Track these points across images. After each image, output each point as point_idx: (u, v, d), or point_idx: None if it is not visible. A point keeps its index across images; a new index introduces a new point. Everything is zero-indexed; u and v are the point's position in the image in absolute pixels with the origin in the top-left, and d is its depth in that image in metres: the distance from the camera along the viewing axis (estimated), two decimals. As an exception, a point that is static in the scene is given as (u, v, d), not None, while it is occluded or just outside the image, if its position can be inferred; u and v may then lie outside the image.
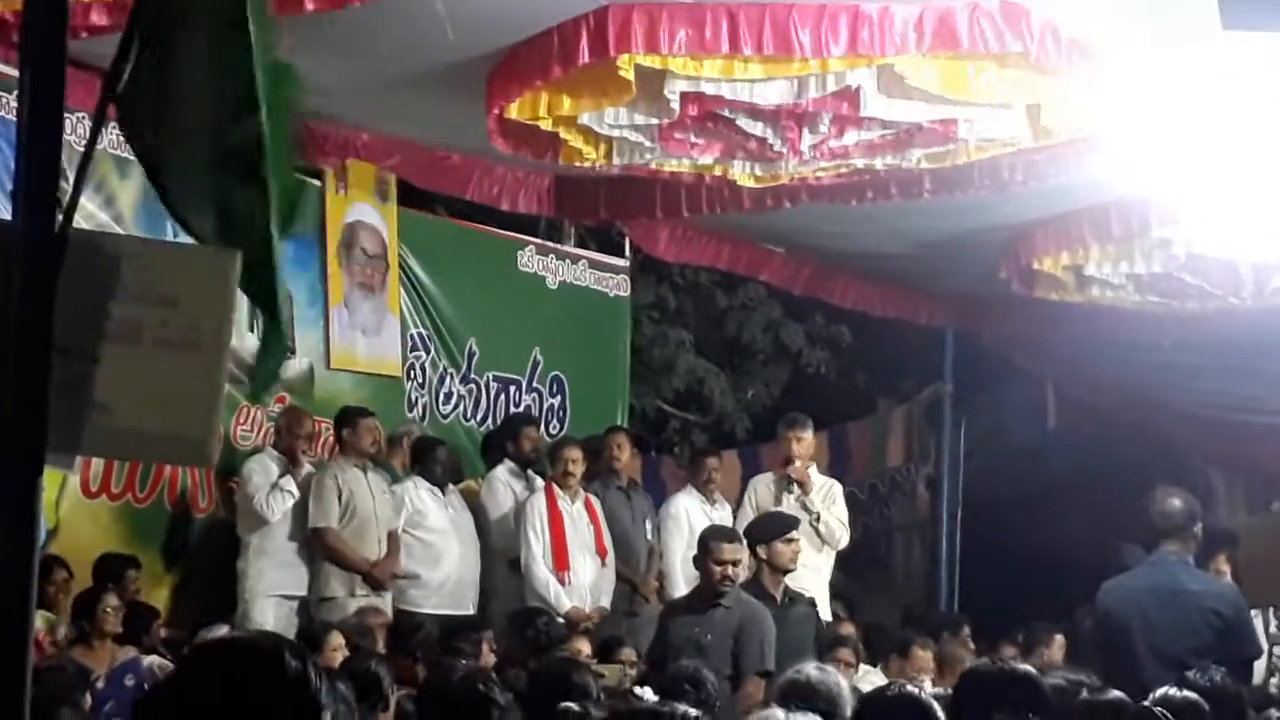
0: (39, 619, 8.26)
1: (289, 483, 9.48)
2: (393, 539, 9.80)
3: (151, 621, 8.87)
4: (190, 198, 3.39)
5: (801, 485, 10.33)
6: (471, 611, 9.93)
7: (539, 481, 10.47)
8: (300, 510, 9.59)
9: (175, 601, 9.67)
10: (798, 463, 10.42)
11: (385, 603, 9.60)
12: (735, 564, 8.46)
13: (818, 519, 10.18)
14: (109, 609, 8.23)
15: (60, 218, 3.12)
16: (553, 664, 6.97)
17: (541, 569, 10.04)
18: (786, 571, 8.94)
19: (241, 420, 10.08)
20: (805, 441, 10.53)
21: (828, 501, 10.40)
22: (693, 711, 2.43)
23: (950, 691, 5.25)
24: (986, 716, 4.52)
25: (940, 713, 4.68)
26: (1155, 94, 7.91)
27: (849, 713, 5.19)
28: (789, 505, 10.10)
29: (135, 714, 5.53)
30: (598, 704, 5.55)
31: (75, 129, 7.49)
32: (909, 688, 4.85)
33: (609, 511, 10.55)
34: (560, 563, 10.08)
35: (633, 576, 10.58)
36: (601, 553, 10.30)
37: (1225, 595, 7.15)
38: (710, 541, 8.61)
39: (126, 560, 9.05)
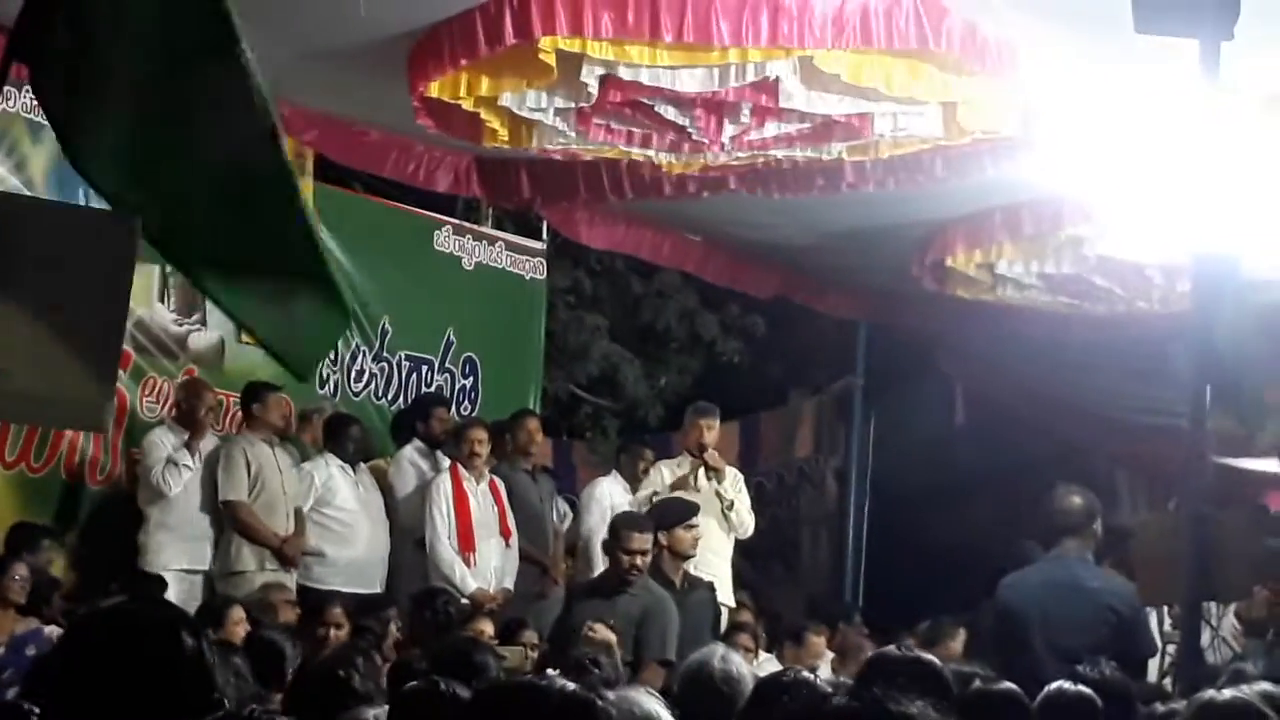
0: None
1: (185, 456, 9.39)
2: (299, 516, 9.75)
3: (52, 592, 8.77)
4: (108, 160, 3.36)
5: (718, 472, 10.37)
6: (379, 590, 9.89)
7: (446, 462, 10.45)
8: (207, 484, 9.52)
9: (71, 573, 9.56)
10: (714, 450, 10.46)
11: (290, 580, 9.55)
12: (644, 554, 8.48)
13: (730, 507, 10.22)
14: (17, 577, 8.12)
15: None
16: (454, 644, 6.95)
17: (446, 549, 10.02)
18: (687, 557, 8.97)
19: (147, 392, 9.99)
20: (715, 430, 10.58)
21: (736, 489, 10.45)
22: (570, 684, 2.42)
23: (849, 681, 5.29)
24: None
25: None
26: (1070, 95, 8.01)
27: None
28: (704, 491, 10.13)
29: (29, 682, 5.49)
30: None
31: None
32: (804, 673, 4.87)
33: (517, 494, 10.53)
34: (465, 544, 10.05)
35: (542, 559, 10.58)
36: (506, 534, 10.29)
37: (1122, 593, 7.22)
38: (621, 529, 8.62)
39: (42, 530, 8.94)
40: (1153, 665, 8.28)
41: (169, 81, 3.29)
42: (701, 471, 10.37)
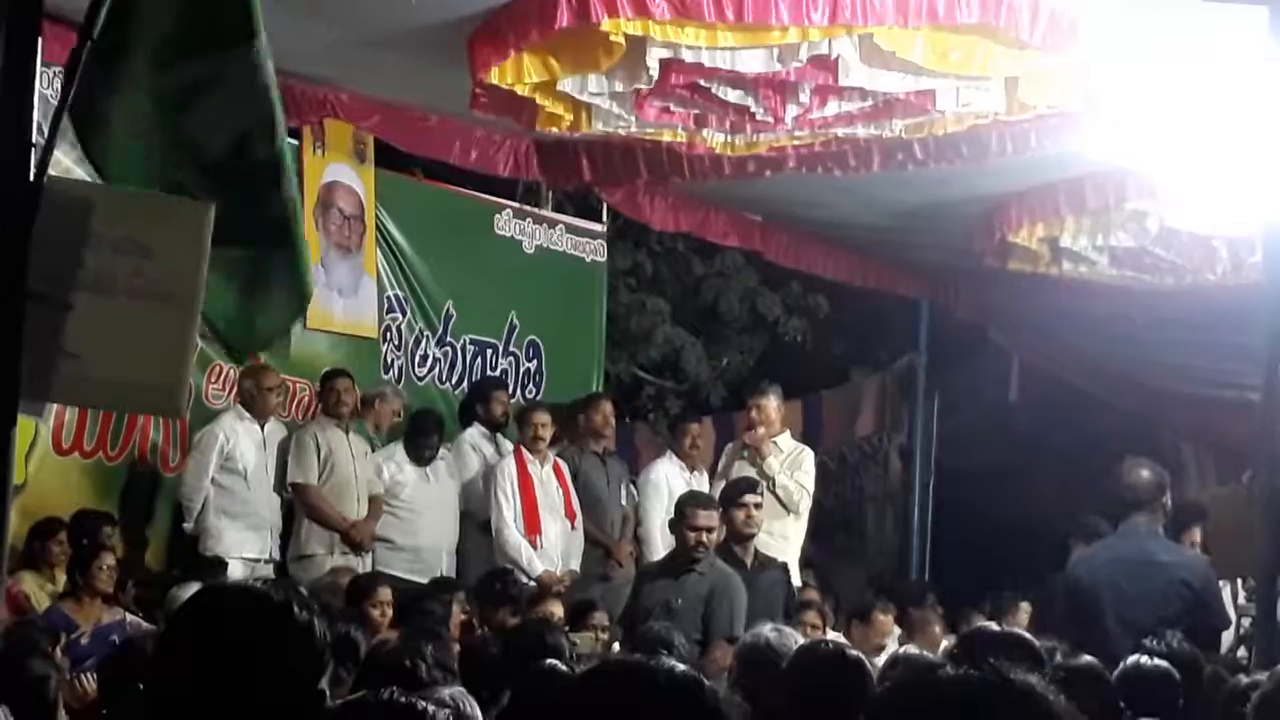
0: (29, 580, 8.29)
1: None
2: (375, 502, 9.81)
3: (126, 580, 8.87)
4: (116, 146, 3.39)
5: (757, 451, 10.38)
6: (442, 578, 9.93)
7: (508, 445, 10.48)
8: (276, 471, 9.59)
9: (145, 559, 9.65)
10: (759, 430, 10.46)
11: (365, 565, 9.59)
12: (710, 530, 8.48)
13: (773, 484, 10.21)
14: (104, 567, 8.22)
15: (35, 166, 3.13)
16: (527, 626, 6.99)
17: (513, 533, 10.06)
18: (744, 536, 8.95)
19: (213, 379, 10.06)
20: (766, 409, 10.56)
21: (793, 466, 10.44)
22: (680, 666, 2.41)
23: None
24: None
25: (869, 667, 4.74)
26: (1134, 67, 7.93)
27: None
28: (746, 472, 10.14)
29: (107, 669, 5.53)
30: (572, 664, 5.58)
31: (52, 84, 7.44)
32: (844, 645, 4.92)
33: (584, 476, 10.56)
34: (531, 526, 10.10)
35: (607, 541, 10.60)
36: (570, 516, 10.32)
37: (1194, 566, 7.19)
38: (686, 507, 8.64)
39: (102, 516, 9.02)
40: (1227, 637, 8.24)
41: (180, 67, 3.32)
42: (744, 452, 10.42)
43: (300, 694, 2.65)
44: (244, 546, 9.49)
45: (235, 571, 9.22)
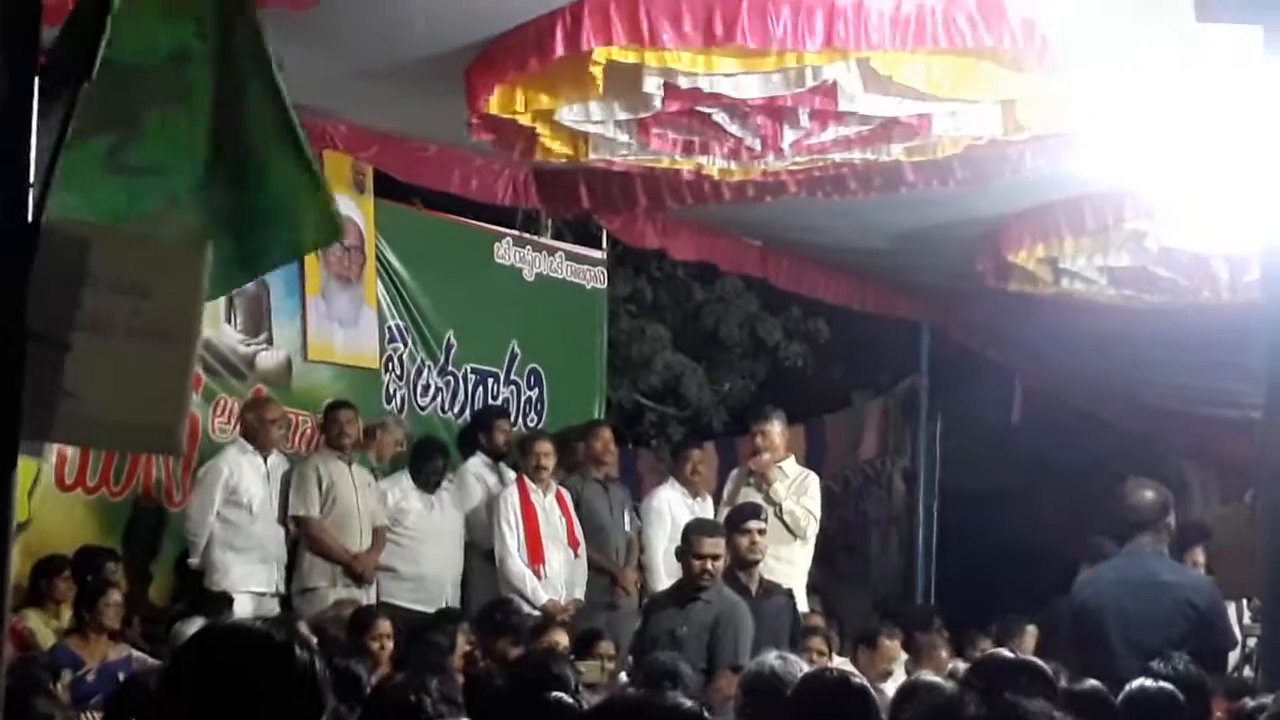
0: (33, 617, 8.29)
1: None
2: (378, 533, 9.81)
3: (131, 616, 8.86)
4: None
5: (763, 477, 10.37)
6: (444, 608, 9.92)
7: (511, 474, 10.48)
8: (280, 504, 9.59)
9: (149, 595, 9.64)
10: (764, 456, 10.45)
11: (369, 597, 9.58)
12: (715, 558, 8.47)
13: (780, 510, 10.20)
14: (110, 604, 8.22)
15: (33, 206, 3.13)
16: (532, 656, 6.98)
17: (516, 562, 10.05)
18: (749, 563, 8.93)
19: (219, 412, 10.06)
20: (770, 434, 10.54)
21: (799, 492, 10.42)
22: (686, 701, 2.44)
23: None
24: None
25: (874, 695, 4.74)
26: (1130, 88, 7.94)
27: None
28: (752, 498, 10.13)
29: (113, 707, 5.51)
30: (576, 696, 5.56)
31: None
32: (849, 671, 4.91)
33: (587, 504, 10.56)
34: (535, 556, 10.08)
35: (612, 569, 10.59)
36: (574, 545, 10.31)
37: (1200, 587, 7.18)
38: (690, 535, 8.64)
39: (105, 553, 9.02)
40: (1233, 657, 8.22)
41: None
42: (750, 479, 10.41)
43: None
44: (250, 580, 9.47)
45: (242, 605, 9.21)
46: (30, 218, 3.09)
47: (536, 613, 9.70)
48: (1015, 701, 2.22)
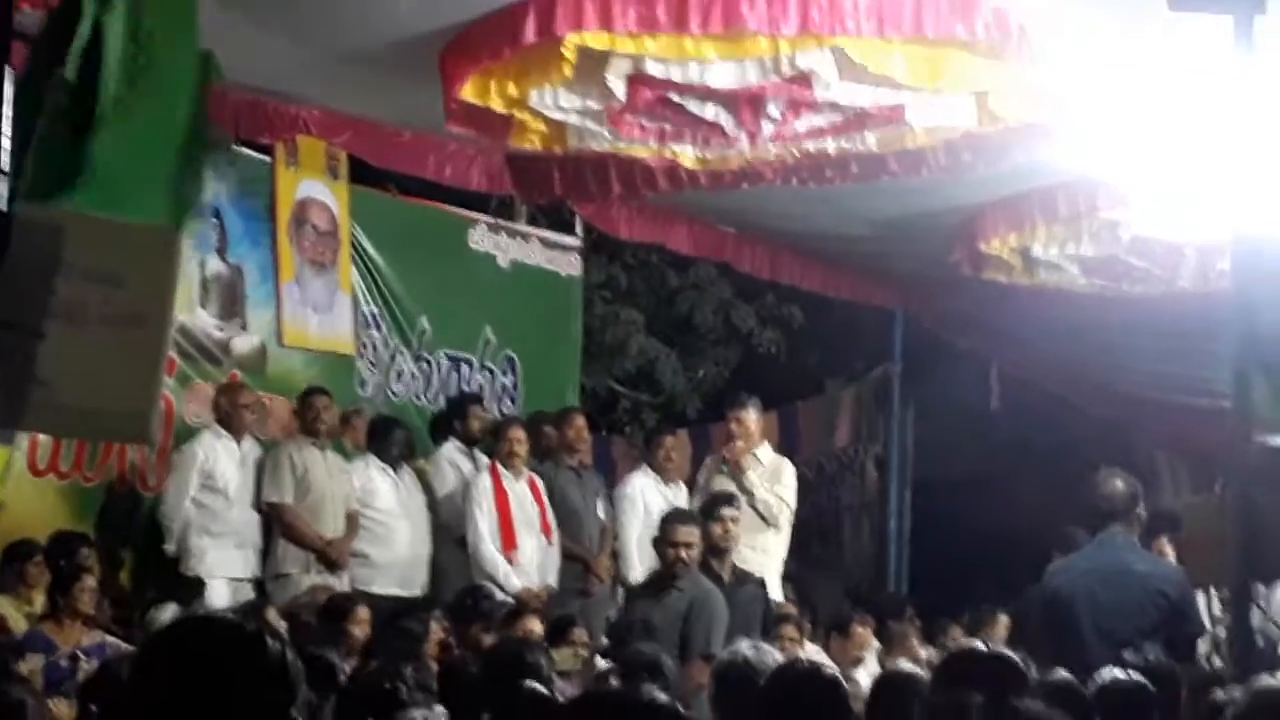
0: (5, 603, 8.28)
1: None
2: (352, 519, 9.80)
3: (103, 601, 8.84)
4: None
5: (737, 465, 10.37)
6: (419, 592, 9.92)
7: (485, 461, 10.47)
8: (254, 489, 9.57)
9: (123, 581, 9.63)
10: (737, 443, 10.46)
11: (342, 583, 9.56)
12: (689, 546, 8.49)
13: (753, 499, 10.20)
14: (85, 590, 8.20)
15: (5, 196, 3.12)
16: (506, 645, 6.99)
17: (489, 548, 10.04)
18: (721, 551, 8.94)
19: (193, 398, 10.04)
20: (745, 422, 10.54)
21: (773, 480, 10.43)
22: (661, 696, 2.47)
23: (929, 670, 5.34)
24: (968, 695, 4.58)
25: (845, 686, 4.76)
26: (1103, 78, 7.96)
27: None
28: (726, 486, 10.14)
29: (86, 693, 5.52)
30: (550, 683, 5.58)
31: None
32: (820, 663, 4.93)
33: (560, 491, 10.55)
34: (508, 542, 10.08)
35: (585, 556, 10.59)
36: (546, 531, 10.31)
37: (1171, 576, 7.21)
38: (664, 524, 8.69)
39: (79, 538, 8.99)
40: (1201, 645, 8.27)
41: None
42: (723, 466, 10.42)
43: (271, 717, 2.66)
44: (226, 566, 9.47)
45: (218, 591, 9.22)
46: (3, 208, 3.09)
47: (509, 599, 9.70)
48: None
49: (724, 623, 8.25)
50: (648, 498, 10.59)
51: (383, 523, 9.99)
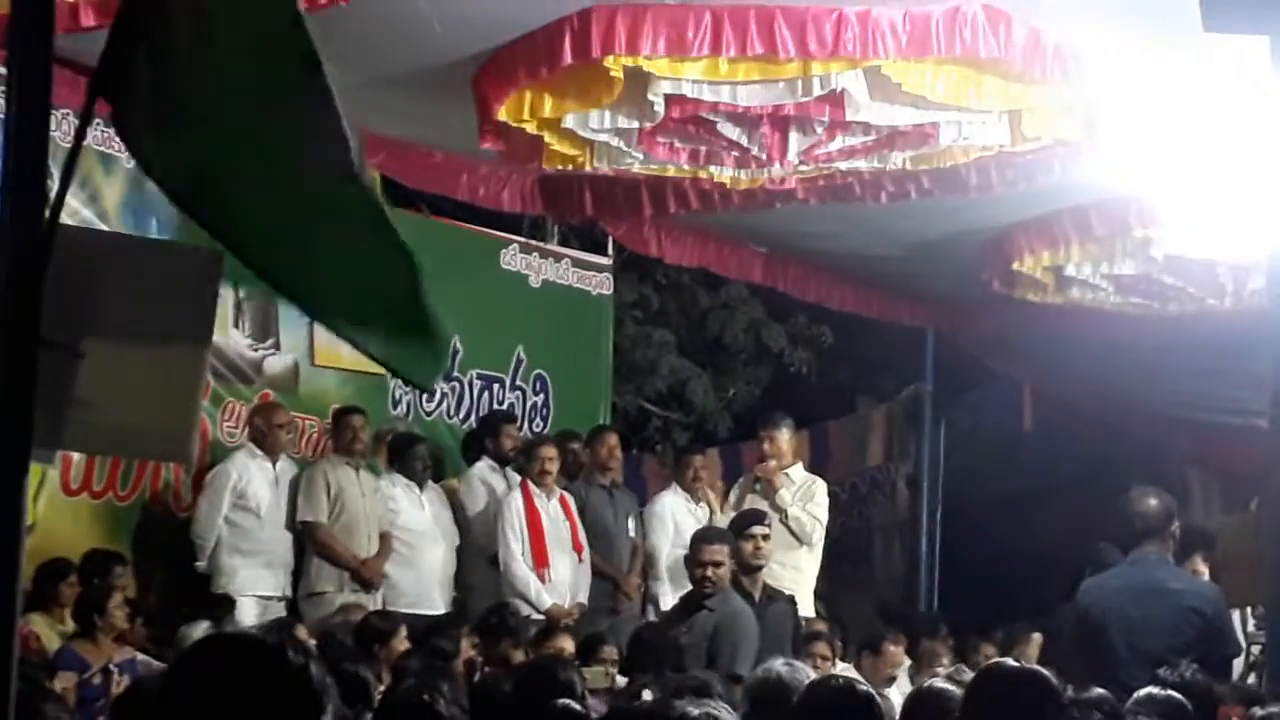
0: (39, 621, 8.30)
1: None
2: (385, 539, 9.81)
3: (139, 619, 8.88)
4: (191, 187, 3.36)
5: (769, 484, 10.39)
6: (443, 610, 9.92)
7: (517, 479, 10.49)
8: (288, 508, 9.60)
9: (157, 600, 9.65)
10: (770, 462, 10.49)
11: (374, 602, 9.57)
12: (716, 565, 8.49)
13: (786, 517, 10.22)
14: (116, 607, 8.25)
15: (47, 214, 3.14)
16: (538, 663, 6.99)
17: (521, 567, 10.05)
18: (752, 569, 8.95)
19: (227, 417, 10.08)
20: (777, 441, 10.58)
21: (805, 498, 10.45)
22: (694, 710, 2.48)
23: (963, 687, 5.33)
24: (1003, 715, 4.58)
25: (879, 703, 4.75)
26: (1137, 96, 7.96)
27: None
28: (758, 504, 10.16)
29: (118, 710, 5.54)
30: (583, 701, 5.58)
31: (60, 126, 7.49)
32: (854, 679, 4.92)
33: (592, 510, 10.57)
34: (540, 560, 10.09)
35: (615, 574, 10.60)
36: (578, 549, 10.32)
37: (1205, 594, 7.18)
38: (693, 543, 8.71)
39: (113, 556, 9.03)
40: (1237, 664, 8.23)
41: (255, 112, 3.31)
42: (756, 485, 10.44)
43: None
44: (257, 584, 9.50)
45: (248, 609, 9.23)
46: (45, 225, 3.11)
47: (539, 616, 9.71)
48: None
49: (752, 642, 8.23)
50: (677, 516, 10.62)
51: (407, 541, 10.00)
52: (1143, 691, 5.40)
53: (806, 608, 9.91)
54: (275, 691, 2.65)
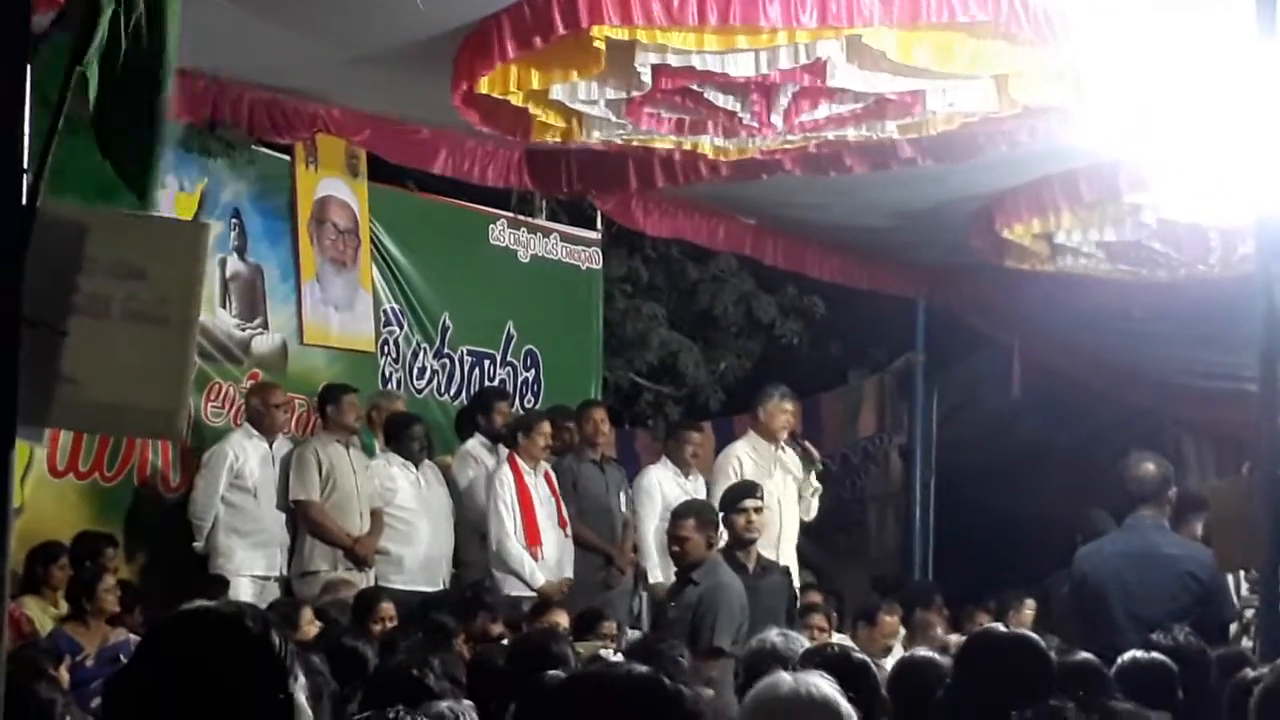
0: (31, 604, 8.28)
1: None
2: (376, 516, 9.80)
3: (136, 603, 8.85)
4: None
5: (813, 457, 10.57)
6: (442, 587, 9.92)
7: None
8: (280, 487, 9.59)
9: (145, 581, 9.63)
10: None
11: (367, 579, 9.57)
12: (682, 540, 8.52)
13: (815, 493, 10.39)
14: (106, 589, 8.24)
15: (27, 191, 3.12)
16: (531, 636, 6.99)
17: (514, 545, 10.02)
18: (746, 541, 8.96)
19: (212, 397, 10.05)
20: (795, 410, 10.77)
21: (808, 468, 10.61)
22: (640, 667, 2.53)
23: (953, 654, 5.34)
24: (993, 685, 4.57)
25: (875, 670, 4.75)
26: (1124, 61, 7.93)
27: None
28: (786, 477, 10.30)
29: (109, 692, 5.53)
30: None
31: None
32: (849, 647, 4.93)
33: (583, 485, 10.55)
34: (532, 537, 10.06)
35: (607, 549, 10.59)
36: (563, 525, 10.31)
37: (1202, 559, 7.18)
38: (673, 517, 8.78)
39: (104, 538, 9.01)
40: (1231, 628, 8.23)
41: None
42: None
43: (265, 700, 2.68)
44: (253, 564, 9.50)
45: (244, 589, 9.24)
46: (25, 202, 3.09)
47: (532, 594, 9.72)
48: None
49: (732, 616, 8.20)
50: (665, 490, 10.61)
51: (404, 519, 9.99)
52: (1128, 655, 5.40)
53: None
54: (236, 663, 2.66)
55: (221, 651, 2.67)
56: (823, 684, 3.36)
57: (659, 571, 10.18)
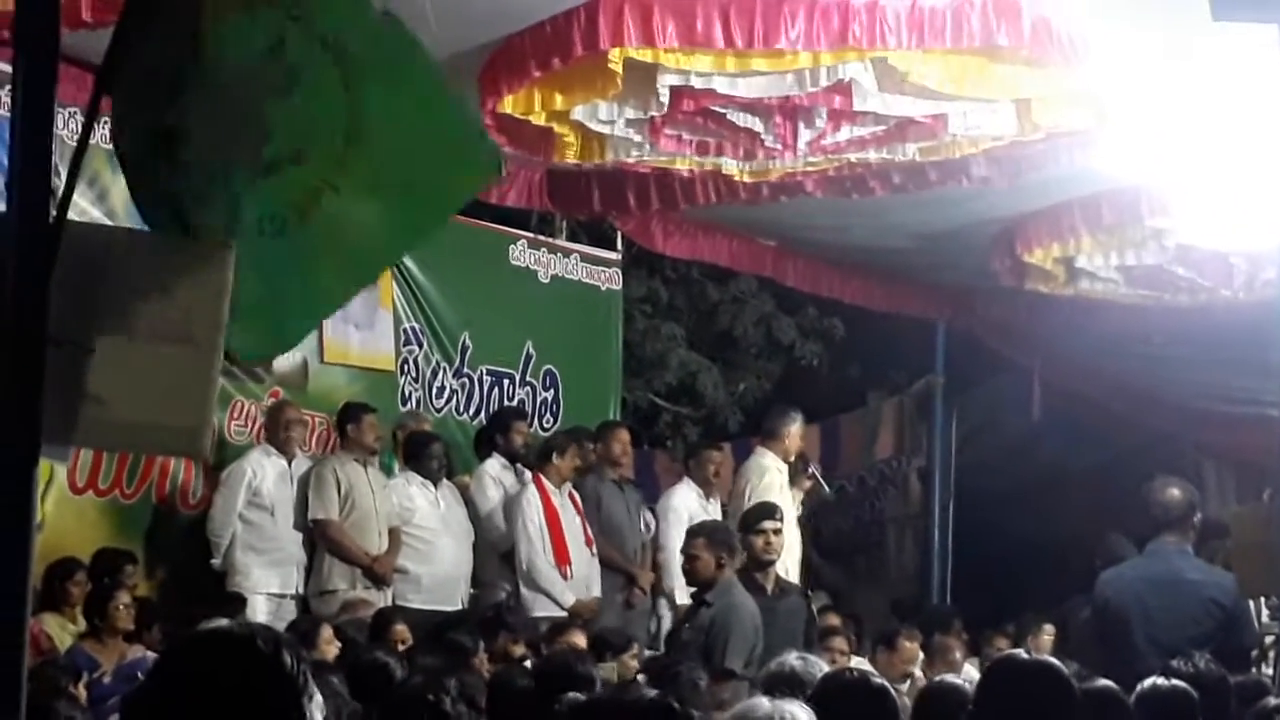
0: (50, 621, 8.30)
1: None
2: (394, 535, 9.80)
3: (154, 620, 8.87)
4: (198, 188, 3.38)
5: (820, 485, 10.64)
6: (460, 607, 9.92)
7: (529, 476, 10.47)
8: (298, 505, 9.60)
9: (164, 598, 9.64)
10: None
11: (385, 599, 9.58)
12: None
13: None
14: (122, 606, 8.25)
15: (54, 210, 3.13)
16: (555, 657, 6.99)
17: (545, 564, 10.04)
18: (764, 563, 8.94)
19: (235, 415, 10.07)
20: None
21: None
22: (652, 691, 2.54)
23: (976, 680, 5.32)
24: (1015, 711, 4.56)
25: (894, 695, 4.74)
26: (1147, 86, 7.93)
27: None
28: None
29: (125, 709, 5.54)
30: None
31: (68, 124, 7.48)
32: (869, 672, 4.92)
33: (605, 505, 10.56)
34: (561, 557, 10.08)
35: (630, 569, 10.59)
36: (589, 543, 10.32)
37: (1225, 585, 7.14)
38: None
39: (124, 555, 9.03)
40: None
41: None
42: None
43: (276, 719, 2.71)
44: (269, 582, 9.52)
45: (260, 607, 9.24)
46: (52, 221, 3.10)
47: (561, 613, 9.72)
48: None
49: (744, 638, 8.17)
50: (691, 510, 10.60)
51: (423, 538, 10.00)
52: (1148, 682, 5.37)
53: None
54: (247, 682, 2.68)
55: (233, 671, 2.70)
56: (800, 714, 3.36)
57: (683, 592, 10.18)
